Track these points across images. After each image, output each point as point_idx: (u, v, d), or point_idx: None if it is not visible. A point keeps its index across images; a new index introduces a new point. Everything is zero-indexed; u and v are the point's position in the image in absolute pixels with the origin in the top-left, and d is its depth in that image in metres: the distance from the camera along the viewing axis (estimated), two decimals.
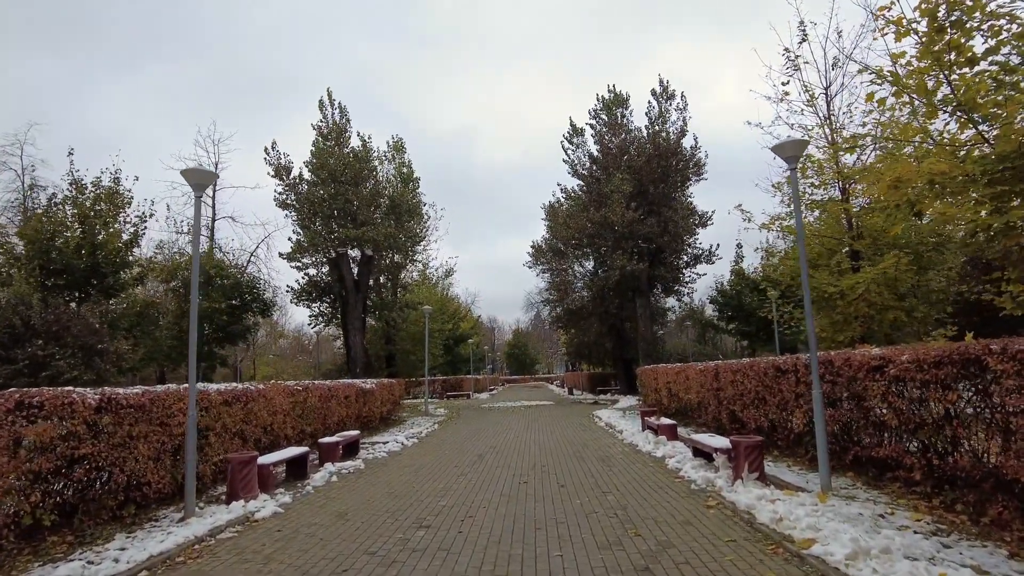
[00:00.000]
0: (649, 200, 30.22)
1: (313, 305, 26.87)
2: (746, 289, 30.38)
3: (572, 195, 33.11)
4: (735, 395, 11.18)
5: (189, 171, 7.12)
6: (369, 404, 16.57)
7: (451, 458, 11.18)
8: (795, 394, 8.84)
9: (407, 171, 28.88)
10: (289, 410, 11.33)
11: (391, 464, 10.73)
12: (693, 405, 14.33)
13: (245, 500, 7.43)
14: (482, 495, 7.58)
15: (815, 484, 7.25)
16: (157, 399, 7.28)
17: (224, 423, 8.81)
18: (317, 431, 12.79)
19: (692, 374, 13.93)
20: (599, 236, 29.75)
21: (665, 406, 17.20)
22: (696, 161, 30.85)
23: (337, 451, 10.83)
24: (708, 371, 12.70)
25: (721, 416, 12.16)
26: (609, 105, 32.67)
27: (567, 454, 11.03)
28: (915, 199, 7.13)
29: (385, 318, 27.83)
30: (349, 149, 25.07)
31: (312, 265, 25.27)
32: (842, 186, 12.97)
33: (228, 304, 24.18)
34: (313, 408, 12.52)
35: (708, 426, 13.21)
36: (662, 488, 7.60)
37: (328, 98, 25.44)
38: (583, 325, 36.20)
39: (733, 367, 11.22)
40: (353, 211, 24.12)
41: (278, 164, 24.29)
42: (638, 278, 29.62)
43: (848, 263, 12.86)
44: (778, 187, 13.37)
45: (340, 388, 14.32)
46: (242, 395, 9.44)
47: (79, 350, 13.62)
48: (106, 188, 20.01)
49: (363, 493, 8.06)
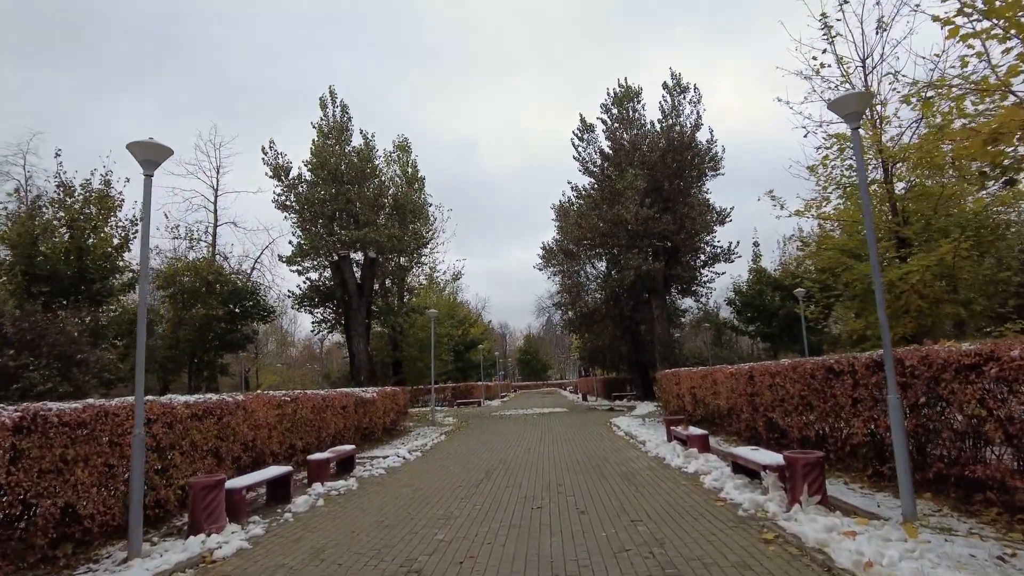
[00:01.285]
0: (664, 196, 28.94)
1: (316, 311, 25.84)
2: (767, 288, 28.96)
3: (583, 193, 31.89)
4: (774, 401, 9.92)
5: (137, 145, 6.03)
6: (370, 414, 15.44)
7: (455, 475, 9.99)
8: (851, 399, 7.58)
9: (412, 171, 27.85)
10: (275, 423, 10.22)
11: (388, 483, 9.57)
12: (722, 412, 13.05)
13: (208, 533, 6.30)
14: (488, 525, 6.39)
15: (888, 508, 6.00)
16: (103, 415, 6.18)
17: (193, 440, 7.70)
18: (310, 446, 11.67)
19: (721, 378, 12.65)
20: (612, 235, 28.49)
21: (689, 413, 15.91)
22: (712, 155, 29.55)
23: (328, 469, 9.70)
24: (740, 374, 11.43)
25: (756, 424, 10.88)
26: (620, 99, 31.48)
27: (586, 470, 9.81)
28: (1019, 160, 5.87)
29: (391, 323, 26.73)
30: (351, 148, 24.06)
31: (313, 269, 24.23)
32: (885, 167, 11.68)
33: (227, 311, 23.21)
34: (305, 421, 11.40)
35: (740, 435, 11.93)
36: (703, 514, 6.36)
37: (330, 95, 24.48)
38: (596, 328, 34.91)
39: (771, 369, 9.95)
40: (355, 212, 23.08)
41: (276, 164, 23.32)
42: (654, 278, 28.32)
43: (894, 251, 11.55)
44: (813, 170, 12.07)
45: (336, 398, 13.19)
46: (216, 408, 8.33)
47: (55, 360, 12.61)
48: (96, 191, 19.15)
49: (349, 522, 6.90)
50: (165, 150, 6.21)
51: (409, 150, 29.11)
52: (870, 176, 11.99)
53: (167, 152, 6.23)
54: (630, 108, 31.33)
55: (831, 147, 11.48)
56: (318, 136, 23.87)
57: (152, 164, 6.16)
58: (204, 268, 23.59)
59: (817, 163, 12.06)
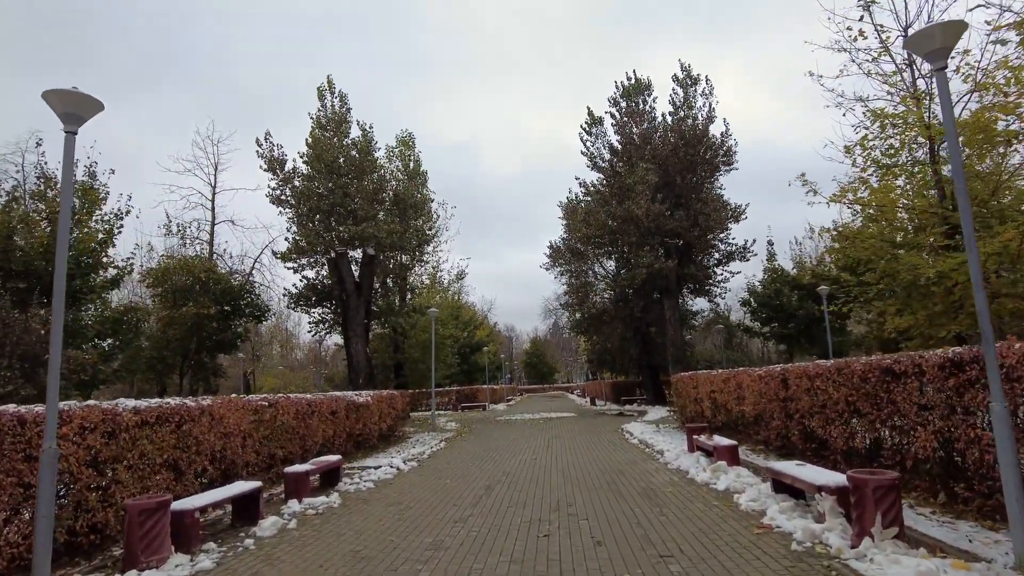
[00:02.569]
0: (676, 192, 27.76)
1: (313, 310, 24.77)
2: (784, 287, 27.65)
3: (592, 189, 30.72)
4: (812, 407, 8.72)
5: (55, 94, 4.95)
6: (364, 420, 14.32)
7: (452, 491, 8.85)
8: (917, 405, 6.39)
9: (415, 165, 26.78)
10: (250, 431, 9.11)
11: (374, 500, 8.43)
12: (748, 419, 11.84)
13: (145, 566, 5.20)
14: (483, 559, 5.24)
15: (981, 542, 4.80)
16: (17, 424, 5.10)
17: (143, 451, 6.60)
18: (292, 455, 10.57)
19: (748, 381, 11.44)
20: (622, 232, 27.32)
21: (708, 420, 14.69)
22: (726, 149, 28.34)
23: (307, 483, 8.57)
24: (771, 377, 10.22)
25: (790, 433, 9.68)
26: (629, 92, 30.34)
27: (599, 485, 8.63)
28: None
29: (392, 324, 25.64)
30: (349, 140, 23.01)
31: (310, 266, 23.15)
32: (931, 146, 10.45)
33: (219, 310, 22.19)
34: (285, 428, 10.29)
35: (769, 445, 10.72)
36: (747, 547, 5.18)
37: (328, 86, 23.44)
38: (605, 330, 33.71)
39: (810, 372, 8.75)
40: (353, 207, 22.02)
41: (271, 156, 22.28)
42: (666, 277, 27.11)
43: (942, 239, 10.32)
44: (849, 151, 10.85)
45: (324, 403, 12.08)
46: (173, 413, 7.23)
47: (18, 360, 11.58)
48: (80, 183, 18.19)
49: (320, 551, 5.77)
50: (92, 103, 5.12)
51: (412, 145, 28.08)
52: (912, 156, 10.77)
53: (95, 105, 5.15)
54: (640, 101, 30.17)
55: (873, 124, 10.28)
56: (315, 128, 22.85)
57: (76, 119, 5.08)
58: (196, 266, 22.61)
59: (854, 144, 10.84)
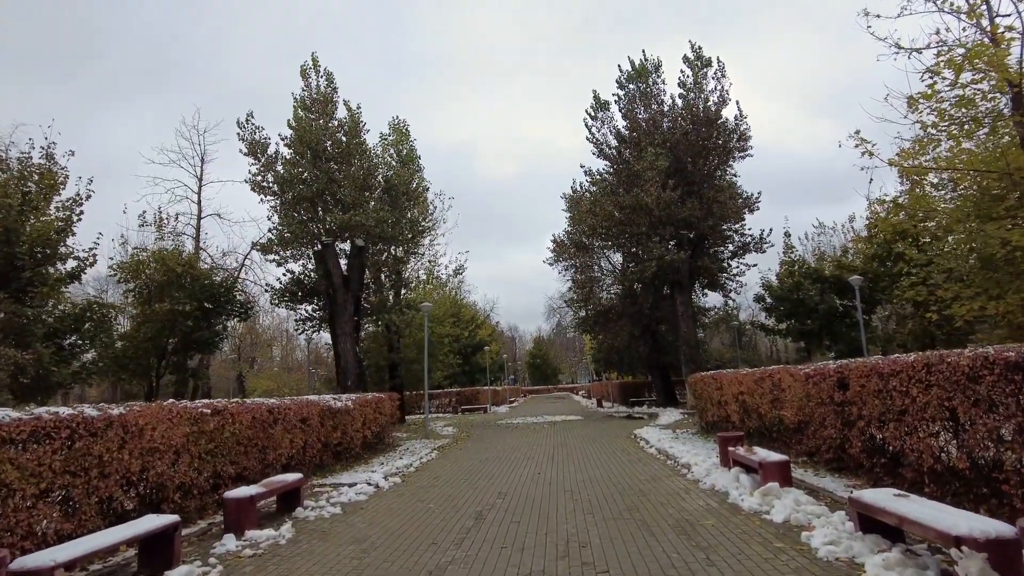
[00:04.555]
0: (688, 179, 25.95)
1: (299, 307, 23.05)
2: (805, 280, 25.78)
3: (597, 178, 28.90)
4: (884, 413, 6.95)
5: None
6: (343, 428, 12.59)
7: (434, 520, 7.11)
8: None
9: (408, 152, 25.02)
10: (187, 445, 7.38)
11: (334, 534, 6.69)
12: (788, 426, 10.06)
13: None
14: None
15: None
16: None
17: (4, 479, 4.88)
18: (250, 472, 8.84)
19: (789, 381, 9.64)
20: (630, 223, 25.49)
21: (735, 425, 12.90)
22: (741, 133, 26.52)
23: (252, 511, 6.84)
24: (823, 377, 8.42)
25: (849, 444, 7.90)
26: (636, 74, 28.49)
27: (618, 513, 6.87)
28: None
29: (385, 321, 23.90)
30: (336, 122, 21.29)
31: (294, 259, 21.42)
32: (1016, 95, 8.66)
33: (196, 307, 20.49)
34: (238, 439, 8.56)
35: (817, 457, 8.95)
36: None
37: (313, 64, 21.71)
38: (612, 328, 31.90)
39: (882, 369, 6.96)
40: (340, 195, 20.30)
41: (252, 139, 20.56)
42: (678, 270, 25.30)
43: None
44: (914, 103, 9.07)
45: (292, 409, 10.34)
46: (60, 427, 5.50)
47: None
48: (36, 166, 16.53)
49: None
50: None
51: (407, 133, 26.24)
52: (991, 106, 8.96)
53: None
54: (648, 84, 28.34)
55: (945, 66, 8.49)
56: (299, 109, 21.12)
57: None
58: (172, 259, 20.92)
59: (917, 95, 9.04)
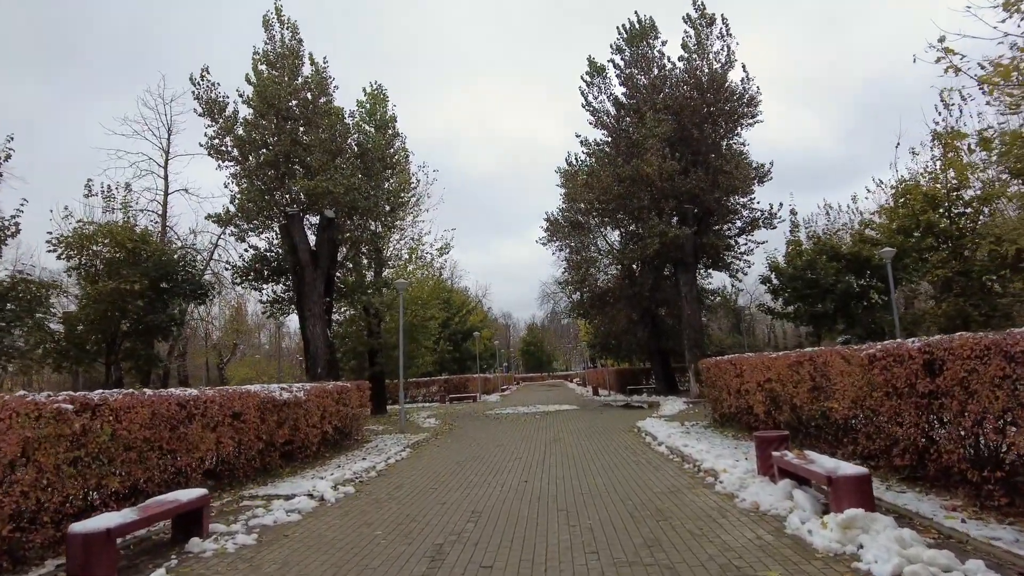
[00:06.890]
0: (693, 148, 23.84)
1: (265, 287, 20.89)
2: (820, 257, 23.76)
3: (594, 148, 26.69)
4: (1007, 408, 4.96)
5: None
6: (294, 423, 10.53)
7: (375, 561, 5.08)
8: None
9: (383, 116, 22.72)
10: (30, 453, 5.30)
11: None
12: (834, 421, 8.08)
13: None
14: None
15: None
16: None
17: None
18: (151, 486, 6.79)
19: (841, 366, 7.61)
20: (630, 196, 23.40)
21: (759, 419, 10.93)
22: (749, 97, 24.38)
23: (109, 553, 4.77)
24: (898, 360, 6.39)
25: (939, 447, 5.92)
26: (634, 37, 26.21)
27: (634, 554, 4.85)
28: None
29: (362, 302, 21.80)
30: (301, 80, 19.00)
31: (255, 231, 19.20)
32: None
33: (150, 286, 18.31)
34: (129, 444, 6.48)
35: (881, 460, 6.98)
36: None
37: (276, 14, 19.35)
38: (609, 312, 29.93)
39: (1005, 346, 4.94)
40: (307, 159, 18.07)
41: (209, 98, 18.26)
42: (682, 247, 23.27)
43: None
44: (1009, 4, 7.04)
45: (214, 401, 8.25)
46: None
47: None
48: None
49: None
50: None
51: (385, 98, 23.87)
52: None
53: None
54: (647, 46, 26.07)
55: None
56: (261, 65, 18.80)
57: None
58: (122, 233, 18.71)
59: None
